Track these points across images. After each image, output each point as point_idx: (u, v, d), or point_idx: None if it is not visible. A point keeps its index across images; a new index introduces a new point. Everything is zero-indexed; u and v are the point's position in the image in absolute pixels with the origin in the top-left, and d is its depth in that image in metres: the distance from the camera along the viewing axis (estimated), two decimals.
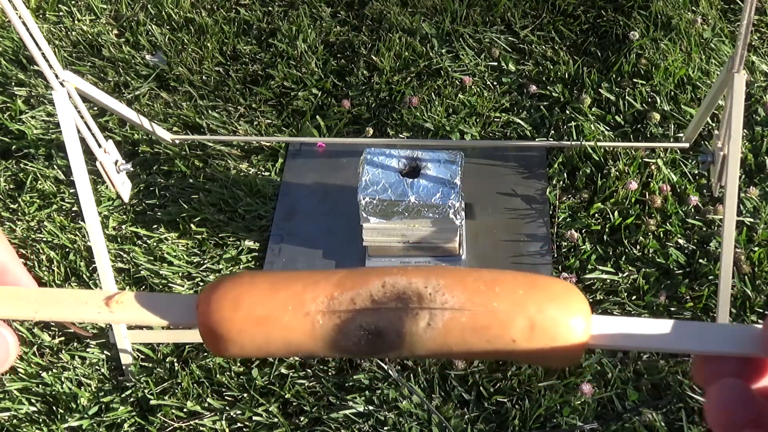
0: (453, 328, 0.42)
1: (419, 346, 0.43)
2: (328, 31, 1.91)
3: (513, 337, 0.42)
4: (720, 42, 1.82)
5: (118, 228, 1.60)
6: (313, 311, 0.43)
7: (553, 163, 1.63)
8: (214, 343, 0.44)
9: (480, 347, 0.42)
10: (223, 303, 0.44)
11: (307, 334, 0.43)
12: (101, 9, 2.00)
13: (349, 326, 0.43)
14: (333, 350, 0.44)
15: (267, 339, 0.44)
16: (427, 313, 0.43)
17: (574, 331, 0.43)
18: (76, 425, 1.35)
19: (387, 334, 0.43)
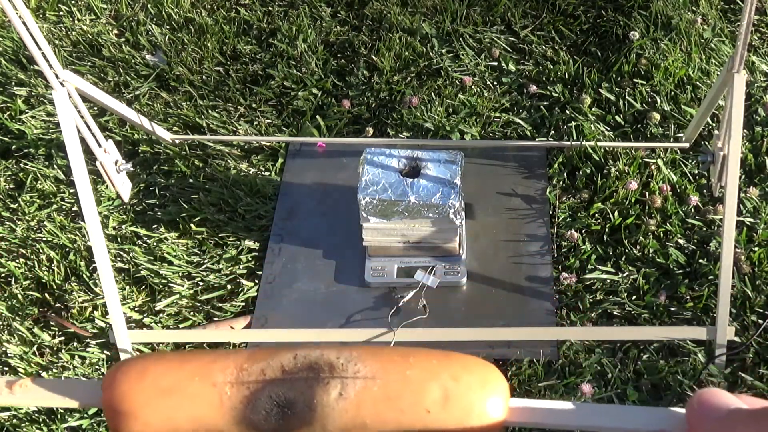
0: (365, 399, 0.41)
1: (331, 421, 0.40)
2: (328, 31, 1.91)
3: (427, 407, 0.40)
4: (720, 42, 1.82)
5: (118, 228, 1.60)
6: (221, 382, 0.41)
7: (553, 163, 1.63)
8: (117, 421, 0.42)
9: (394, 419, 0.40)
10: (127, 376, 0.42)
11: (214, 406, 0.41)
12: (101, 9, 2.00)
13: (258, 397, 0.41)
14: (240, 424, 0.41)
15: (172, 413, 0.41)
16: (338, 382, 0.41)
17: (490, 402, 0.41)
18: (76, 425, 1.35)
19: (297, 406, 0.41)
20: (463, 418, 0.41)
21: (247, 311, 1.48)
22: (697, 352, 1.36)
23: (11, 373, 1.42)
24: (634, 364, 1.36)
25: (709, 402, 0.36)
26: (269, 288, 1.51)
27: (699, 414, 0.36)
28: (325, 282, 1.51)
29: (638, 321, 1.42)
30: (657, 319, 1.42)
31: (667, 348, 1.38)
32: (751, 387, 1.31)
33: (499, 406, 0.42)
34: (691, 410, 0.37)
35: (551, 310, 1.44)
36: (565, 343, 1.38)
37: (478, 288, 1.48)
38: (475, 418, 0.41)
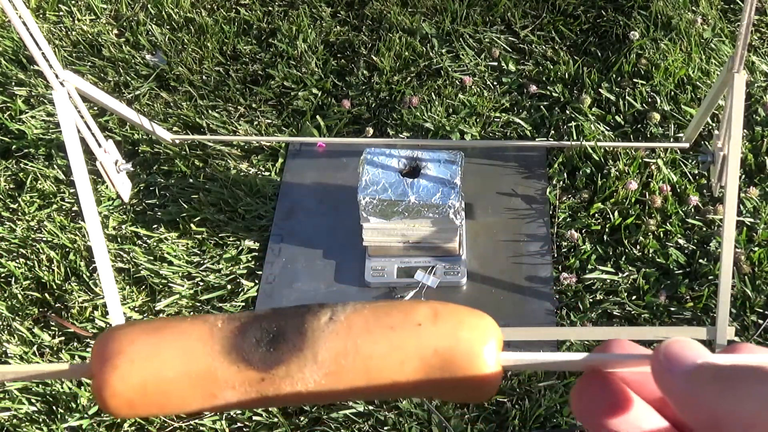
0: (355, 320, 0.42)
1: (322, 344, 0.41)
2: (328, 31, 1.91)
3: (417, 320, 0.41)
4: (720, 42, 1.82)
5: (118, 228, 1.60)
6: (213, 320, 0.42)
7: (553, 163, 1.63)
8: (102, 369, 0.42)
9: (385, 336, 0.41)
10: (118, 328, 0.43)
11: (203, 337, 0.42)
12: (101, 9, 2.00)
13: (249, 328, 0.42)
14: (230, 354, 0.41)
15: (160, 347, 0.41)
16: (328, 310, 0.42)
17: (482, 318, 0.42)
18: (76, 425, 1.35)
19: (287, 331, 0.41)
20: (456, 329, 0.42)
21: (247, 311, 1.48)
22: None
23: None
24: None
25: (676, 355, 0.33)
26: (269, 288, 1.51)
27: (665, 367, 0.34)
28: (325, 282, 1.51)
29: (638, 321, 1.42)
30: (657, 319, 1.42)
31: None
32: None
33: (492, 324, 0.43)
34: (657, 362, 0.34)
35: (551, 310, 1.44)
36: (565, 343, 1.38)
37: (478, 288, 1.48)
38: (467, 329, 0.42)
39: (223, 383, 0.41)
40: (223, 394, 0.42)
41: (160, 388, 0.42)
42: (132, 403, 0.42)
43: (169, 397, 0.42)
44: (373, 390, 0.42)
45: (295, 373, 0.41)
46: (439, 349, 0.41)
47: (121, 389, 0.41)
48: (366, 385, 0.42)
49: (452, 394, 0.42)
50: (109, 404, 0.42)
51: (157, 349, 0.42)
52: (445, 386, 0.42)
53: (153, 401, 0.42)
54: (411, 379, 0.42)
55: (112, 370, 0.41)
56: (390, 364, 0.41)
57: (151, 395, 0.42)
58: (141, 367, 0.41)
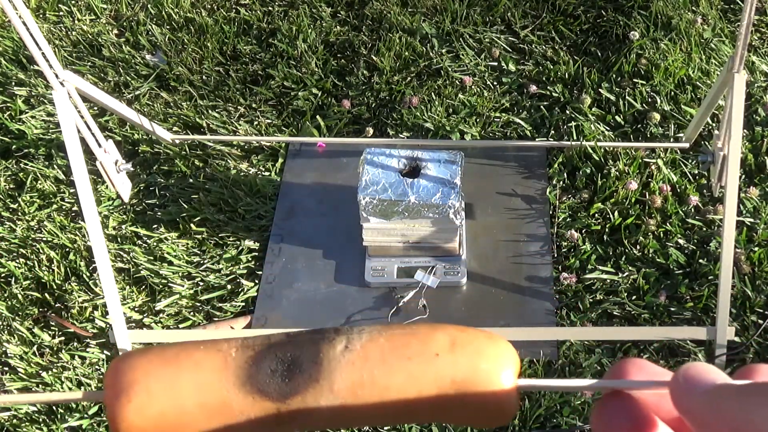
0: (372, 349, 0.41)
1: (338, 374, 0.40)
2: (328, 31, 1.91)
3: (435, 350, 0.40)
4: (720, 42, 1.82)
5: (118, 228, 1.60)
6: (226, 348, 0.42)
7: (553, 163, 1.63)
8: (117, 398, 0.41)
9: (402, 367, 0.40)
10: (131, 355, 0.42)
11: (218, 368, 0.41)
12: (101, 9, 2.00)
13: (264, 357, 0.41)
14: (245, 385, 0.41)
15: (176, 379, 0.41)
16: (344, 338, 0.41)
17: (499, 345, 0.41)
18: (76, 425, 1.35)
19: (303, 361, 0.41)
20: (474, 359, 0.41)
21: (247, 311, 1.48)
22: (697, 352, 1.36)
23: (11, 373, 1.42)
24: None
25: (696, 376, 0.34)
26: (269, 288, 1.51)
27: (684, 389, 0.34)
28: (325, 282, 1.51)
29: (638, 321, 1.42)
30: (657, 319, 1.42)
31: (667, 348, 1.38)
32: None
33: (510, 350, 0.42)
34: (676, 384, 0.35)
35: (551, 310, 1.44)
36: (565, 343, 1.38)
37: (478, 288, 1.48)
38: (485, 359, 0.41)
39: (239, 414, 0.41)
40: (239, 426, 0.41)
41: (177, 420, 0.41)
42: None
43: (185, 430, 0.41)
44: (389, 419, 0.42)
45: (311, 403, 0.41)
46: (456, 379, 0.40)
47: (137, 422, 0.41)
48: (382, 414, 0.41)
49: (469, 420, 0.42)
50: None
51: (172, 381, 0.41)
52: (462, 414, 0.41)
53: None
54: (427, 408, 0.41)
55: (127, 402, 0.41)
56: (407, 395, 0.41)
57: (167, 428, 0.41)
58: (157, 400, 0.41)
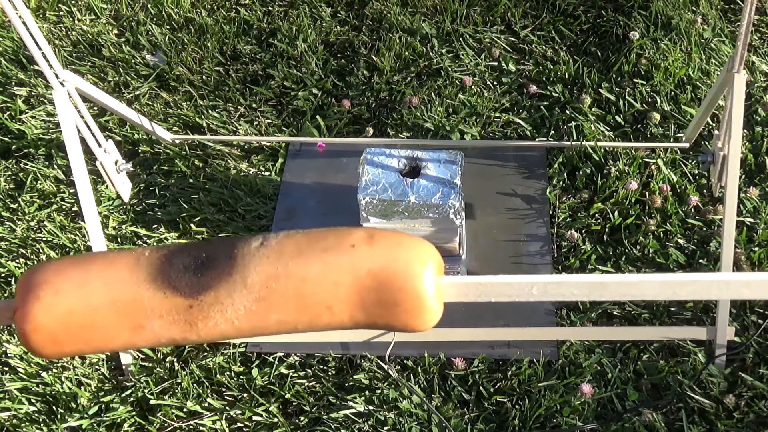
0: (287, 244, 0.39)
1: (252, 267, 0.39)
2: (328, 31, 1.91)
3: (351, 242, 0.39)
4: (720, 42, 1.82)
5: (118, 228, 1.60)
6: (141, 250, 0.40)
7: (553, 163, 1.63)
8: (28, 301, 0.39)
9: (318, 258, 0.39)
10: (42, 264, 0.40)
11: (130, 266, 0.39)
12: (101, 9, 2.00)
13: (177, 255, 0.40)
14: (156, 280, 0.39)
15: (85, 275, 0.39)
16: (260, 236, 0.40)
17: (419, 241, 0.39)
18: (76, 425, 1.35)
19: (216, 257, 0.39)
20: (392, 250, 0.39)
21: None
22: (697, 352, 1.36)
23: (11, 373, 1.42)
24: (634, 364, 1.36)
25: None
26: None
27: None
28: None
29: (638, 321, 1.42)
30: (657, 319, 1.42)
31: (667, 348, 1.38)
32: (751, 387, 1.31)
33: (430, 247, 0.41)
34: None
35: (551, 310, 1.44)
36: (565, 343, 1.38)
37: None
38: (404, 249, 0.39)
39: (150, 312, 0.39)
40: (150, 325, 0.39)
41: (86, 319, 0.39)
42: (56, 338, 0.39)
43: (95, 330, 0.39)
44: (307, 317, 0.40)
45: (225, 298, 0.39)
46: (373, 268, 0.39)
47: (44, 321, 0.39)
48: (299, 311, 0.39)
49: (390, 318, 0.39)
50: (32, 340, 0.39)
51: (82, 279, 0.39)
52: (382, 310, 0.39)
53: (78, 335, 0.39)
54: (346, 303, 0.39)
55: (35, 300, 0.39)
56: (323, 287, 0.39)
57: (77, 328, 0.39)
58: (66, 298, 0.39)
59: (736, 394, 1.31)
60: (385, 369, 1.37)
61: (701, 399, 1.30)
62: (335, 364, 1.40)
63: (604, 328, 1.41)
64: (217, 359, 1.39)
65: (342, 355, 1.40)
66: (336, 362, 1.40)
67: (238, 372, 1.39)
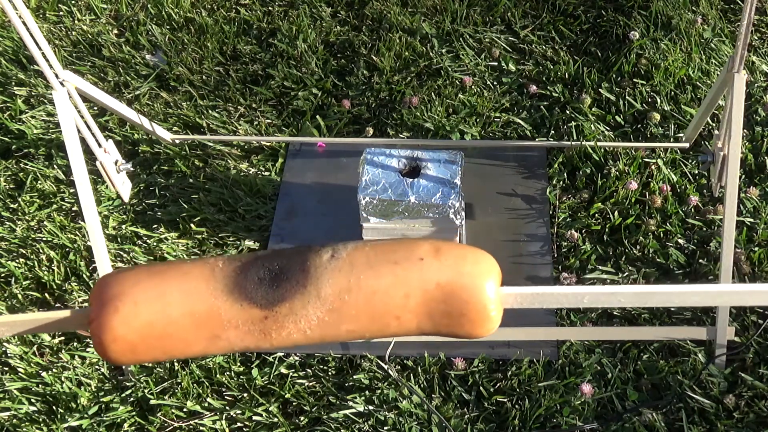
0: (358, 256, 0.41)
1: (325, 280, 0.40)
2: (328, 31, 1.91)
3: (420, 255, 0.41)
4: (720, 42, 1.82)
5: (118, 228, 1.60)
6: (213, 261, 0.42)
7: (553, 163, 1.63)
8: (103, 311, 0.40)
9: (389, 271, 0.40)
10: (118, 272, 0.41)
11: (206, 277, 0.40)
12: (101, 9, 2.00)
13: (251, 266, 0.41)
14: (233, 293, 0.40)
15: (164, 288, 0.40)
16: (330, 249, 0.42)
17: (481, 254, 0.41)
18: (76, 425, 1.35)
19: (289, 269, 0.40)
20: (458, 263, 0.41)
21: None
22: (697, 352, 1.36)
23: (11, 373, 1.42)
24: (634, 364, 1.36)
25: None
26: None
27: None
28: None
29: (638, 321, 1.42)
30: (657, 319, 1.42)
31: (667, 348, 1.38)
32: (751, 387, 1.31)
33: (491, 259, 0.42)
34: None
35: (551, 310, 1.44)
36: (565, 343, 1.38)
37: None
38: (469, 264, 0.41)
39: (226, 323, 0.40)
40: (226, 335, 0.41)
41: (164, 330, 0.40)
42: (134, 347, 0.40)
43: (172, 340, 0.41)
44: (376, 327, 0.41)
45: (299, 310, 0.41)
46: (441, 282, 0.41)
47: (123, 332, 0.40)
48: (369, 322, 0.41)
49: (455, 328, 0.42)
50: (110, 350, 0.41)
51: (160, 291, 0.40)
52: (448, 320, 0.41)
53: (156, 345, 0.41)
54: (414, 314, 0.41)
55: (114, 312, 0.40)
56: (394, 299, 0.41)
57: (154, 339, 0.40)
58: (144, 310, 0.40)
59: (736, 394, 1.31)
60: (385, 369, 1.37)
61: (701, 399, 1.30)
62: (335, 364, 1.40)
63: (604, 328, 1.41)
64: (217, 359, 1.39)
65: (342, 355, 1.40)
66: (336, 362, 1.40)
67: (238, 372, 1.39)
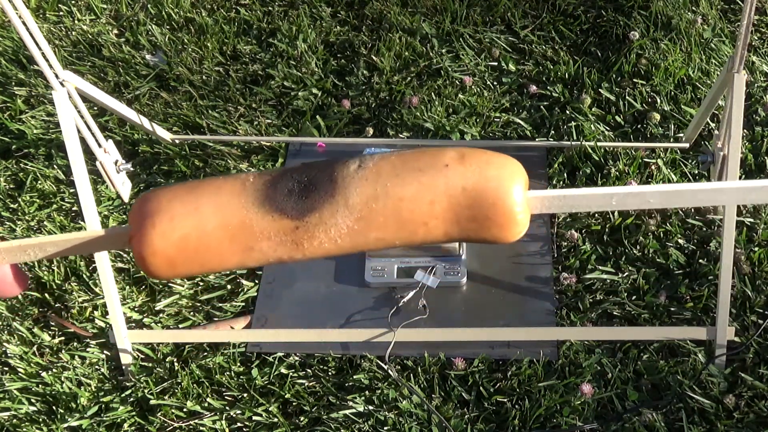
0: (384, 166, 0.42)
1: (353, 189, 0.41)
2: (328, 31, 1.91)
3: (445, 162, 0.42)
4: (720, 42, 1.82)
5: None
6: (245, 176, 0.44)
7: (553, 163, 1.63)
8: (143, 226, 0.42)
9: (414, 179, 0.41)
10: (156, 189, 0.43)
11: (237, 192, 0.42)
12: (101, 9, 2.00)
13: (281, 180, 0.43)
14: (264, 205, 0.42)
15: (198, 202, 0.42)
16: (357, 160, 0.43)
17: (507, 158, 0.42)
18: (76, 425, 1.35)
19: (318, 181, 0.42)
20: (483, 168, 0.42)
21: (247, 311, 1.48)
22: (697, 352, 1.36)
23: (11, 373, 1.42)
24: (634, 364, 1.36)
25: None
26: (269, 288, 1.51)
27: None
28: (325, 282, 1.51)
29: (638, 321, 1.42)
30: (657, 319, 1.42)
31: (667, 348, 1.38)
32: (751, 387, 1.31)
33: (517, 163, 0.43)
34: None
35: (551, 310, 1.44)
36: (565, 343, 1.38)
37: (478, 288, 1.48)
38: (494, 168, 0.42)
39: (259, 234, 0.42)
40: (259, 246, 0.42)
41: (200, 243, 0.42)
42: (173, 261, 0.42)
43: (208, 253, 0.42)
44: (404, 234, 0.43)
45: (328, 219, 0.42)
46: (467, 187, 0.42)
47: (161, 246, 0.42)
48: (397, 229, 0.42)
49: (482, 232, 0.42)
50: (150, 263, 0.43)
51: (194, 205, 0.42)
52: (475, 225, 0.42)
53: (193, 258, 0.43)
54: (441, 219, 0.42)
55: (152, 228, 0.42)
56: (420, 205, 0.42)
57: (191, 252, 0.42)
58: (181, 224, 0.42)
59: (736, 394, 1.31)
60: (385, 369, 1.37)
61: (701, 399, 1.30)
62: (335, 364, 1.40)
63: (604, 328, 1.41)
64: (217, 359, 1.39)
65: (342, 355, 1.40)
66: (336, 362, 1.40)
67: (238, 372, 1.39)
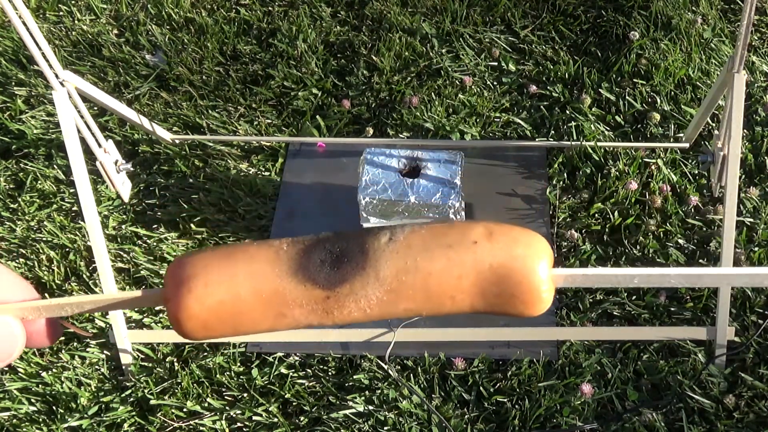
0: (414, 239, 0.44)
1: (383, 262, 0.43)
2: (328, 31, 1.91)
3: (473, 239, 0.43)
4: (720, 42, 1.82)
5: (118, 228, 1.60)
6: (278, 244, 0.46)
7: (553, 163, 1.63)
8: (178, 290, 0.44)
9: (443, 254, 0.43)
10: (189, 255, 0.45)
11: (271, 260, 0.44)
12: (101, 9, 2.00)
13: (313, 249, 0.45)
14: (297, 274, 0.44)
15: (233, 270, 0.44)
16: (388, 232, 0.45)
17: (533, 236, 0.44)
18: (76, 425, 1.35)
19: (350, 252, 0.44)
20: (510, 246, 0.44)
21: None
22: (697, 352, 1.36)
23: (11, 373, 1.42)
24: (634, 364, 1.36)
25: None
26: None
27: None
28: None
29: (638, 321, 1.42)
30: (657, 319, 1.42)
31: (667, 348, 1.38)
32: (751, 387, 1.31)
33: (543, 241, 0.45)
34: None
35: (551, 310, 1.44)
36: (565, 343, 1.38)
37: None
38: (521, 246, 0.44)
39: (291, 302, 0.44)
40: (291, 313, 0.44)
41: (234, 308, 0.44)
42: (207, 324, 0.45)
43: (242, 318, 0.45)
44: (431, 305, 0.45)
45: (359, 290, 0.44)
46: (494, 264, 0.43)
47: (197, 311, 0.44)
48: (425, 301, 0.44)
49: (507, 308, 0.45)
50: (186, 326, 0.45)
51: (229, 272, 0.44)
52: (500, 300, 0.44)
53: (227, 322, 0.45)
54: (467, 294, 0.44)
55: (188, 293, 0.44)
56: (448, 280, 0.43)
57: (226, 316, 0.44)
58: (216, 289, 0.44)
59: (736, 394, 1.31)
60: (385, 369, 1.37)
61: (701, 399, 1.30)
62: (335, 364, 1.40)
63: (604, 328, 1.41)
64: (217, 359, 1.39)
65: (342, 355, 1.40)
66: (336, 362, 1.40)
67: (238, 372, 1.39)
